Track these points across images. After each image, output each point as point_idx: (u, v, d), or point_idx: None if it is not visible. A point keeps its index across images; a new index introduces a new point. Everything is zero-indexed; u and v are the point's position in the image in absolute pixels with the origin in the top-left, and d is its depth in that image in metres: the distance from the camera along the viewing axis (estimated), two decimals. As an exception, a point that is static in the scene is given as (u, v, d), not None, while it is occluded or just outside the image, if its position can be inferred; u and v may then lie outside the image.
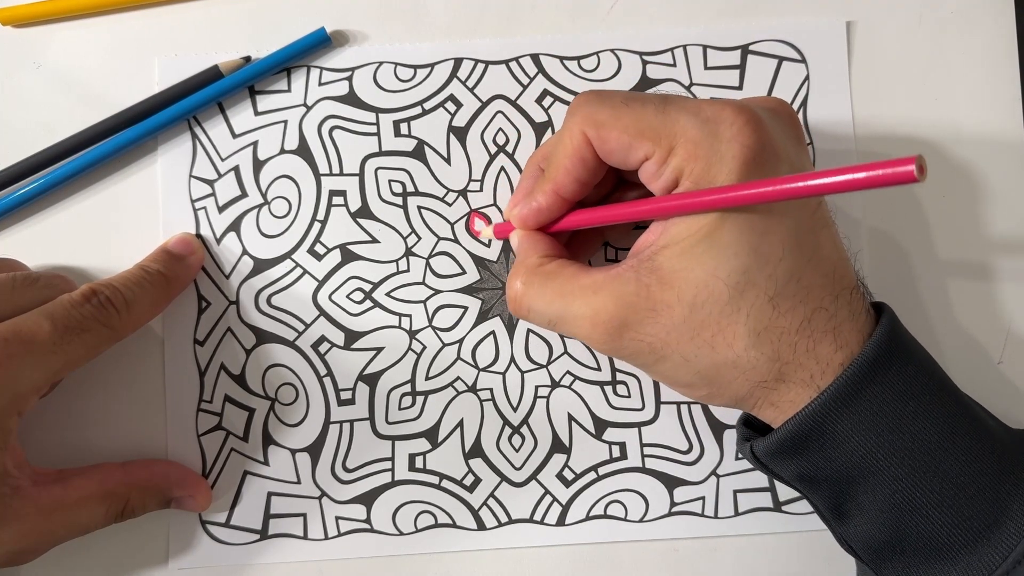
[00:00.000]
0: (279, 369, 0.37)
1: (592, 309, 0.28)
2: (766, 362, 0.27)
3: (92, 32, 0.38)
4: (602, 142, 0.29)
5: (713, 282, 0.27)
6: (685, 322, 0.27)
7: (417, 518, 0.37)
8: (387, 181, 0.37)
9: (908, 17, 0.38)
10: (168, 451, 0.37)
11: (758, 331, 0.27)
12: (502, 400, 0.37)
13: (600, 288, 0.29)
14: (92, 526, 0.32)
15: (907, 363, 0.28)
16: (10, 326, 0.29)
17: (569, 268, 0.30)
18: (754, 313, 0.27)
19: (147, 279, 0.34)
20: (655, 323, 0.28)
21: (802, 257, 0.28)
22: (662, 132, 0.28)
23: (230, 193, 0.37)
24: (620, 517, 0.37)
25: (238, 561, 0.36)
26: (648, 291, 0.28)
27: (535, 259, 0.31)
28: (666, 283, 0.28)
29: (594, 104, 0.29)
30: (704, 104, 0.28)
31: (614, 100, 0.29)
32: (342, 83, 0.38)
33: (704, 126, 0.27)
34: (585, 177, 0.30)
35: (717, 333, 0.27)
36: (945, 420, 0.28)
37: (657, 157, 0.28)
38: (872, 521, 0.28)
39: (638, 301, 0.28)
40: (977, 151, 0.38)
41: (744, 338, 0.27)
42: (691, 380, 0.29)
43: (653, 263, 0.28)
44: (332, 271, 0.37)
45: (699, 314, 0.27)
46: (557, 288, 0.30)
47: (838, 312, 0.28)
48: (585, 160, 0.29)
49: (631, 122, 0.28)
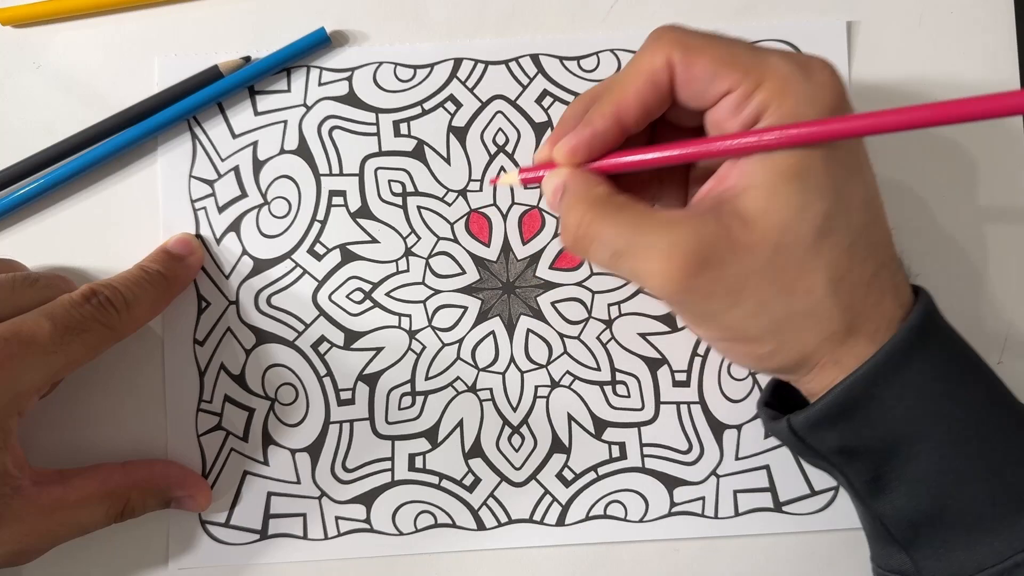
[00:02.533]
0: (279, 369, 0.37)
1: (669, 241, 0.26)
2: (840, 312, 0.27)
3: (92, 32, 0.38)
4: (687, 66, 0.27)
5: (799, 223, 0.26)
6: (768, 264, 0.26)
7: (417, 518, 0.37)
8: (387, 181, 0.37)
9: (908, 17, 0.38)
10: (168, 451, 0.37)
11: (836, 279, 0.27)
12: (502, 400, 0.37)
13: (680, 222, 0.27)
14: (92, 526, 0.32)
15: (952, 333, 0.28)
16: (10, 326, 0.29)
17: (642, 204, 0.28)
18: (833, 260, 0.27)
19: (147, 279, 0.34)
20: (736, 263, 0.26)
21: (872, 212, 0.28)
22: (752, 65, 0.26)
23: (230, 193, 0.37)
24: (620, 517, 0.37)
25: (238, 561, 0.36)
26: (729, 231, 0.26)
27: (602, 189, 0.28)
28: (750, 224, 0.26)
29: (683, 30, 0.28)
30: (788, 51, 0.28)
31: (704, 32, 0.28)
32: (342, 83, 0.38)
33: (796, 66, 0.26)
34: (652, 105, 0.28)
35: (797, 278, 0.27)
36: (989, 389, 0.28)
37: (742, 90, 0.27)
38: (912, 493, 0.28)
39: (719, 240, 0.26)
40: (977, 151, 0.38)
41: (823, 285, 0.27)
42: (760, 332, 0.28)
43: (735, 205, 0.27)
44: (332, 271, 0.37)
45: (782, 256, 0.26)
46: (630, 218, 0.27)
47: (897, 271, 0.28)
48: (659, 86, 0.28)
49: (723, 51, 0.27)
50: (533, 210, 0.37)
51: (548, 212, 0.37)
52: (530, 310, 0.37)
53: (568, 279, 0.37)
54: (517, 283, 0.37)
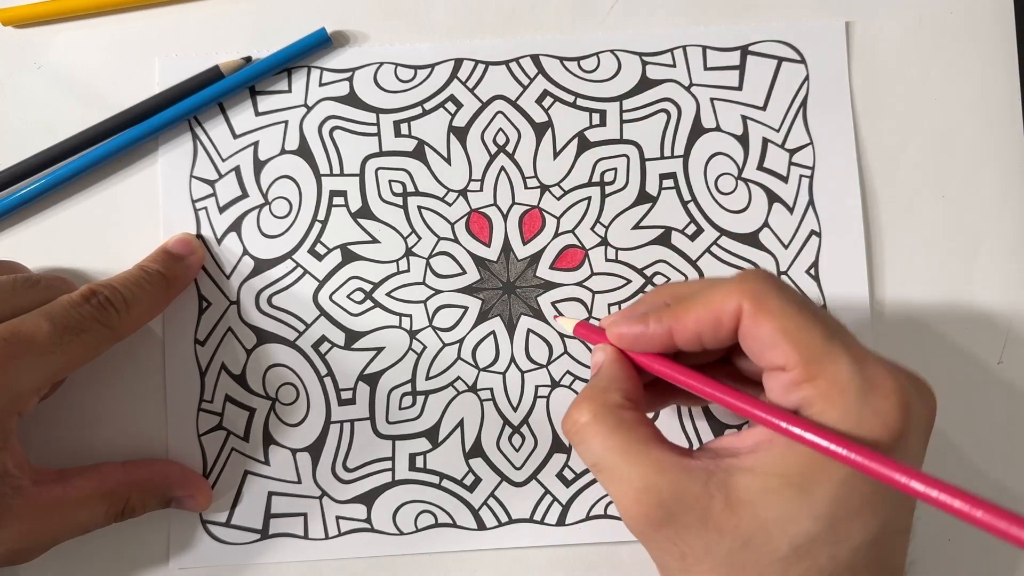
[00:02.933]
0: (280, 369, 0.37)
1: (645, 484, 0.26)
2: None
3: (93, 32, 0.38)
4: (754, 324, 0.26)
5: (778, 533, 0.25)
6: (728, 554, 0.25)
7: (417, 518, 0.37)
8: (387, 181, 0.37)
9: (908, 17, 0.38)
10: (169, 451, 0.37)
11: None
12: (502, 400, 0.37)
13: (665, 470, 0.26)
14: (92, 525, 0.32)
15: None
16: (10, 326, 0.29)
17: (645, 429, 0.27)
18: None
19: (147, 279, 0.34)
20: (698, 537, 0.25)
21: (872, 557, 0.25)
22: (816, 355, 0.25)
23: (231, 193, 0.37)
24: (620, 517, 0.37)
25: (238, 561, 0.36)
26: (710, 502, 0.25)
27: (617, 397, 0.28)
28: (732, 507, 0.25)
29: (770, 286, 0.26)
30: (870, 358, 0.25)
31: (790, 294, 0.26)
32: (343, 83, 0.38)
33: (860, 380, 0.24)
34: (707, 339, 0.27)
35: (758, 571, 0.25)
36: None
37: (795, 376, 0.25)
38: None
39: (695, 506, 0.25)
40: (977, 151, 0.38)
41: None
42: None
43: (728, 479, 0.25)
44: (332, 271, 0.37)
45: (746, 555, 0.25)
46: (623, 442, 0.27)
47: None
48: (721, 326, 0.27)
49: (793, 324, 0.25)
50: (533, 210, 0.37)
51: (548, 212, 0.37)
52: (530, 310, 0.37)
53: (568, 279, 0.37)
54: (517, 283, 0.37)
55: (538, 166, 0.37)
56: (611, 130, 0.38)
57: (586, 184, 0.37)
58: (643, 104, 0.38)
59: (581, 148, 0.38)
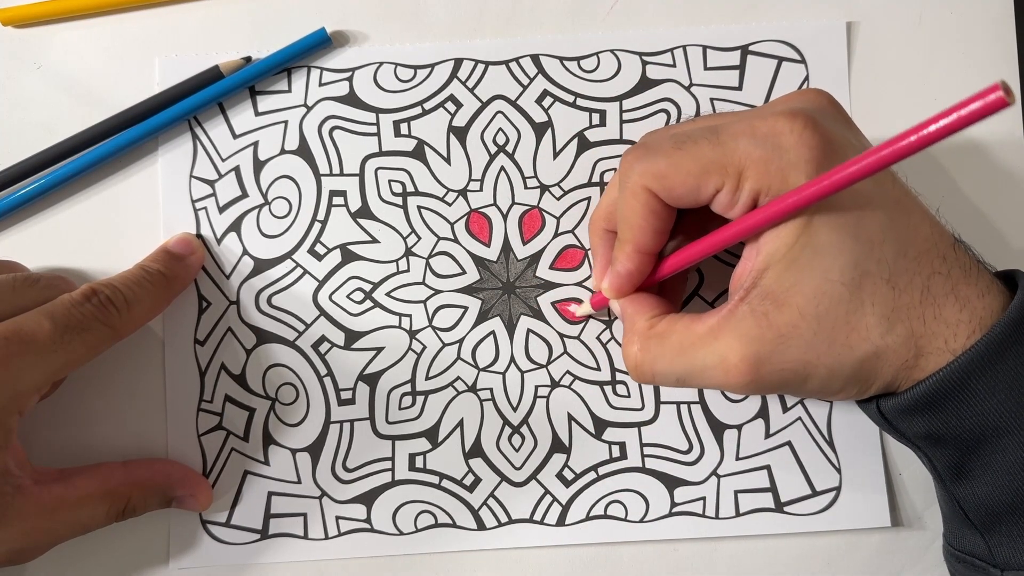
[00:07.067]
0: (279, 369, 0.37)
1: (718, 356, 0.28)
2: (903, 342, 0.27)
3: (93, 32, 0.38)
4: (668, 191, 0.28)
5: (828, 286, 0.27)
6: (817, 335, 0.27)
7: (417, 518, 0.37)
8: (387, 181, 0.37)
9: (908, 17, 0.38)
10: (169, 451, 0.37)
11: (887, 315, 0.27)
12: (502, 400, 0.37)
13: (719, 332, 0.28)
14: (93, 525, 0.32)
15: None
16: (10, 325, 0.29)
17: (681, 321, 0.29)
18: (878, 300, 0.27)
19: (147, 279, 0.34)
20: (788, 348, 0.27)
21: (900, 230, 0.28)
22: (725, 163, 0.27)
23: (231, 193, 0.37)
24: (620, 517, 0.37)
25: (238, 561, 0.36)
26: (768, 319, 0.27)
27: (643, 322, 0.30)
28: (782, 304, 0.27)
29: (648, 157, 0.29)
30: (755, 121, 0.28)
31: (665, 147, 0.29)
32: (342, 83, 0.38)
33: (764, 143, 0.27)
34: (660, 226, 0.30)
35: (851, 332, 0.27)
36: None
37: (728, 187, 0.28)
38: (994, 483, 0.28)
39: (762, 332, 0.27)
40: (977, 151, 0.38)
41: (877, 327, 0.27)
42: (842, 386, 0.28)
43: (761, 289, 0.28)
44: (332, 271, 0.37)
45: (827, 322, 0.27)
46: (675, 345, 0.29)
47: (951, 272, 0.28)
48: (656, 212, 0.29)
49: (691, 164, 0.28)
50: (533, 210, 0.37)
51: (548, 212, 0.37)
52: (530, 310, 0.37)
53: (568, 279, 0.37)
54: (517, 283, 0.37)
55: (538, 166, 0.37)
56: (611, 130, 0.38)
57: (586, 184, 0.37)
58: (643, 104, 0.38)
59: (581, 148, 0.38)
